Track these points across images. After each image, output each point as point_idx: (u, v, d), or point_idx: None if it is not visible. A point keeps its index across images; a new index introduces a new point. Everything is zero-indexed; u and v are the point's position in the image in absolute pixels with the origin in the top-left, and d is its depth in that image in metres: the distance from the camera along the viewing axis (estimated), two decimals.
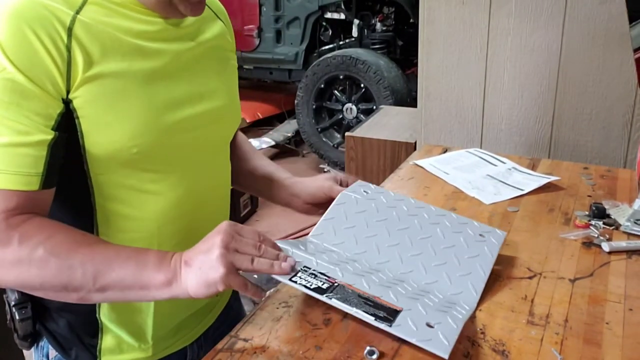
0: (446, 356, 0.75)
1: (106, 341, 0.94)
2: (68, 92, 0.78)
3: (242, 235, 0.80)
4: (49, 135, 0.77)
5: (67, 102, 0.79)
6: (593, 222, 1.18)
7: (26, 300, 0.92)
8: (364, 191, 1.09)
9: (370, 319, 0.78)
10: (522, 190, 1.34)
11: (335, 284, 0.82)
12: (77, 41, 0.78)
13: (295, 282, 0.80)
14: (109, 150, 0.82)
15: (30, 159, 0.76)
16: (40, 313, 0.94)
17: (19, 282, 0.77)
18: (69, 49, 0.77)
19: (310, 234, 0.99)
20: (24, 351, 1.35)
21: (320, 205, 1.10)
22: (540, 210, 1.25)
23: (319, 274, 0.83)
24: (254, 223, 3.49)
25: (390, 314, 0.79)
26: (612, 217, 1.19)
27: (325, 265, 0.86)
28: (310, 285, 0.80)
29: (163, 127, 0.85)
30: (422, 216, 1.05)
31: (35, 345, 0.97)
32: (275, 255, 0.82)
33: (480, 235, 1.03)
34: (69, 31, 0.77)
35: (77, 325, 0.93)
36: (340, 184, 1.09)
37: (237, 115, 1.04)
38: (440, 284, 0.92)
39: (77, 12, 0.79)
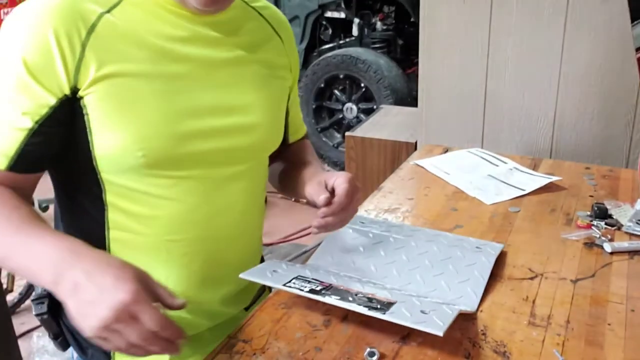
0: (441, 333, 0.75)
1: None
2: (74, 89, 0.78)
3: (141, 320, 0.64)
4: (28, 125, 0.78)
5: (72, 100, 0.79)
6: (595, 223, 1.17)
7: (44, 296, 0.91)
8: (360, 222, 1.12)
9: (364, 310, 0.79)
10: (523, 190, 1.33)
11: (329, 286, 0.85)
12: (96, 39, 0.79)
13: (290, 287, 0.84)
14: (114, 152, 0.81)
15: (4, 140, 0.78)
16: (57, 310, 0.92)
17: None
18: (84, 46, 0.78)
19: (307, 261, 1.02)
20: (22, 352, 1.35)
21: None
22: (542, 211, 1.25)
23: (312, 280, 0.87)
24: None
25: (384, 305, 0.81)
26: (614, 217, 1.19)
27: (319, 274, 0.89)
28: (304, 288, 0.84)
29: (176, 134, 0.83)
30: (418, 237, 1.07)
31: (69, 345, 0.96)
32: (164, 344, 0.67)
33: (477, 247, 1.04)
34: (91, 28, 0.79)
35: None
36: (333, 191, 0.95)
37: (276, 135, 0.99)
38: (439, 292, 0.93)
39: (108, 11, 0.80)
